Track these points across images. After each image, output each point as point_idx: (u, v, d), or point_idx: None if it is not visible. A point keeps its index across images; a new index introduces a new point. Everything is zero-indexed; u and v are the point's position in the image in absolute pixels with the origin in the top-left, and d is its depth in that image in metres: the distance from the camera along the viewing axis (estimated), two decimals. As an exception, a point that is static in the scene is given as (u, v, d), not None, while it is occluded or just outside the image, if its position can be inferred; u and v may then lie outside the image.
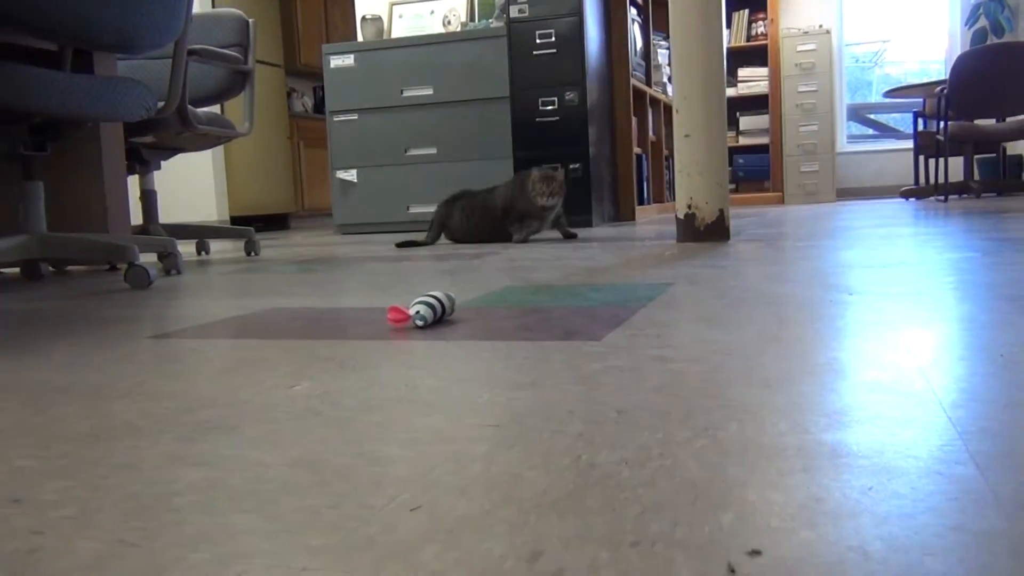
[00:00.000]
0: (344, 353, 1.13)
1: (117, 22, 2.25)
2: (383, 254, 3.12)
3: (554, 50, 4.53)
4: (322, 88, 7.87)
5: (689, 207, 2.85)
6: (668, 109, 6.20)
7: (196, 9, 5.63)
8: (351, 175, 5.13)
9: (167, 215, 6.05)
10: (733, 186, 7.83)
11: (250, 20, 3.42)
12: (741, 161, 7.72)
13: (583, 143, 4.52)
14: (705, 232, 2.84)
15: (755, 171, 7.71)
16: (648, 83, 5.76)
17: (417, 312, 1.30)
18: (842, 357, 0.95)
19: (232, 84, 3.37)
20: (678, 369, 0.93)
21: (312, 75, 7.89)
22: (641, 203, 5.42)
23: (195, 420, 0.81)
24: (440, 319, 1.34)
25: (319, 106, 7.98)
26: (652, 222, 4.77)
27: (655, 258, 2.44)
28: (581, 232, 3.98)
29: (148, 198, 3.37)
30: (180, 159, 6.06)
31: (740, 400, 0.78)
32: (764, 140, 7.67)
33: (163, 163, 3.49)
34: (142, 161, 3.30)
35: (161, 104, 2.66)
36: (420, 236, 4.40)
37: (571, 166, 4.52)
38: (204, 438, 0.75)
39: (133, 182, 5.43)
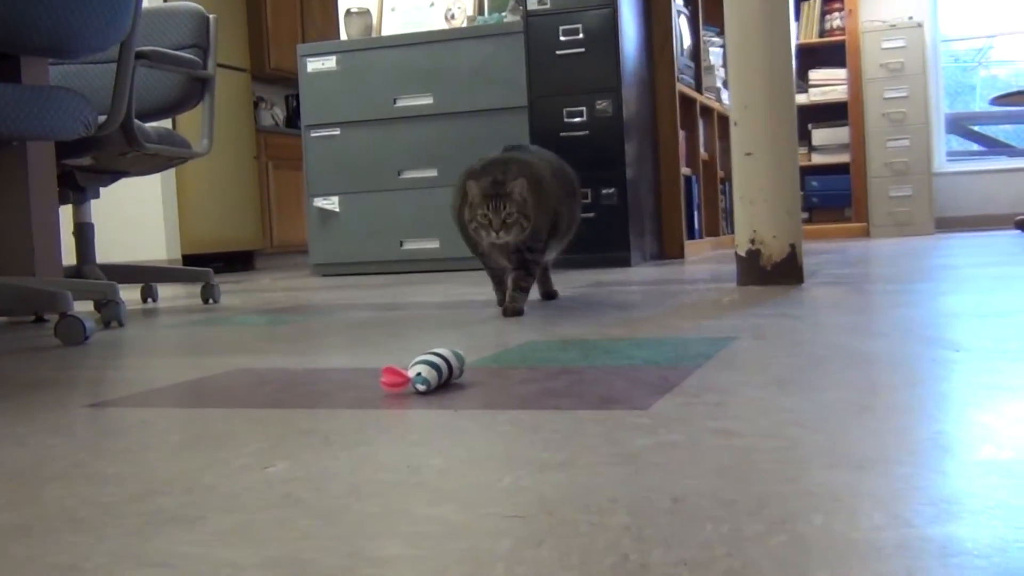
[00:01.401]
0: (329, 425, 1.14)
1: (49, 20, 2.31)
2: (372, 300, 3.14)
3: (582, 49, 4.59)
4: (296, 97, 7.99)
5: (752, 242, 2.86)
6: (724, 120, 6.25)
7: (145, 3, 5.74)
8: (332, 203, 5.19)
9: (106, 254, 6.11)
10: (806, 215, 7.85)
11: (210, 16, 3.49)
12: (815, 184, 7.75)
13: (618, 163, 4.55)
14: (772, 273, 2.85)
15: (833, 196, 7.74)
16: (698, 89, 5.81)
17: (418, 375, 1.31)
18: (949, 431, 0.95)
19: (188, 93, 3.43)
20: (745, 446, 0.93)
21: (285, 81, 8.01)
22: (691, 237, 5.44)
23: (148, 510, 0.82)
24: (446, 383, 1.35)
25: (293, 119, 8.09)
26: (705, 260, 4.78)
27: (711, 306, 2.45)
28: (616, 274, 3.99)
29: (84, 233, 3.41)
30: (123, 185, 6.14)
31: (824, 485, 0.78)
32: (843, 158, 7.71)
33: (103, 190, 3.53)
34: (77, 188, 3.35)
35: (102, 118, 2.71)
36: (426, 277, 4.43)
37: (604, 191, 4.56)
38: (159, 532, 0.75)
39: (66, 213, 5.51)
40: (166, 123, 5.81)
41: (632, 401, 1.19)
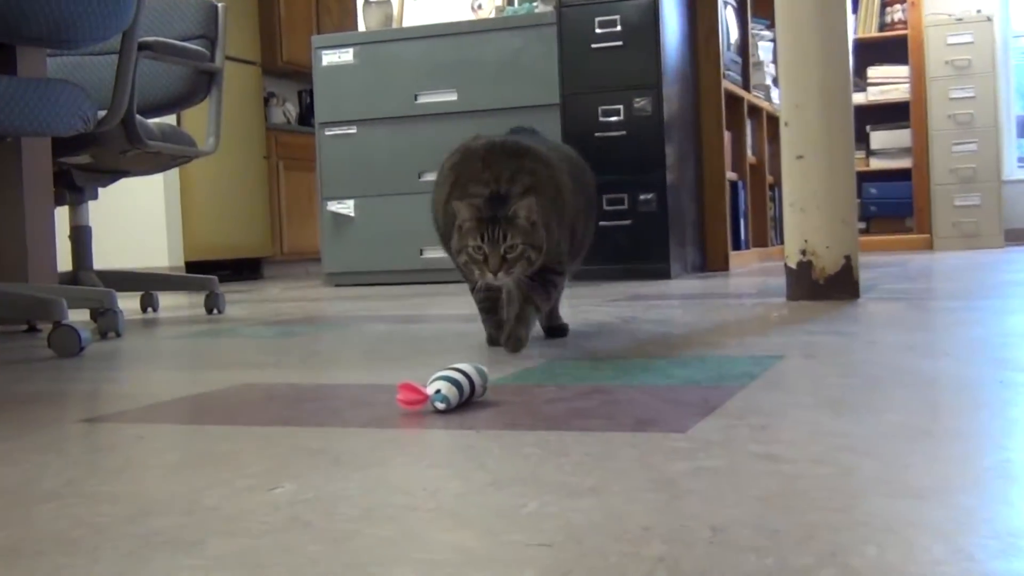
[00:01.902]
0: (340, 445, 1.15)
1: (47, 8, 2.34)
2: (388, 312, 3.16)
3: (620, 42, 4.60)
4: (310, 93, 8.04)
5: (803, 253, 2.85)
6: (773, 121, 6.24)
7: (148, -10, 5.80)
8: (347, 207, 5.21)
9: (104, 259, 6.16)
10: (863, 225, 7.81)
11: (219, 4, 3.52)
12: (873, 192, 7.71)
13: (658, 167, 4.55)
14: (825, 287, 2.83)
15: (893, 205, 7.69)
16: (746, 86, 5.80)
17: (437, 392, 1.31)
18: (1017, 459, 0.94)
19: (194, 87, 3.46)
20: (792, 472, 0.93)
21: (298, 75, 8.07)
22: (736, 247, 5.42)
23: (144, 532, 0.82)
24: (468, 401, 1.36)
25: (306, 116, 8.14)
26: (752, 273, 4.76)
27: (758, 322, 2.44)
28: (655, 287, 3.98)
29: (81, 237, 3.45)
30: (124, 186, 6.18)
31: (878, 515, 0.78)
32: (905, 163, 7.67)
33: (101, 191, 3.56)
34: (74, 188, 3.39)
35: (102, 113, 2.74)
36: (447, 288, 4.44)
37: (642, 196, 4.55)
38: (156, 556, 0.76)
39: (62, 215, 5.56)
40: (170, 119, 5.86)
41: (669, 423, 1.19)
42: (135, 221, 6.27)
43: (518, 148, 1.94)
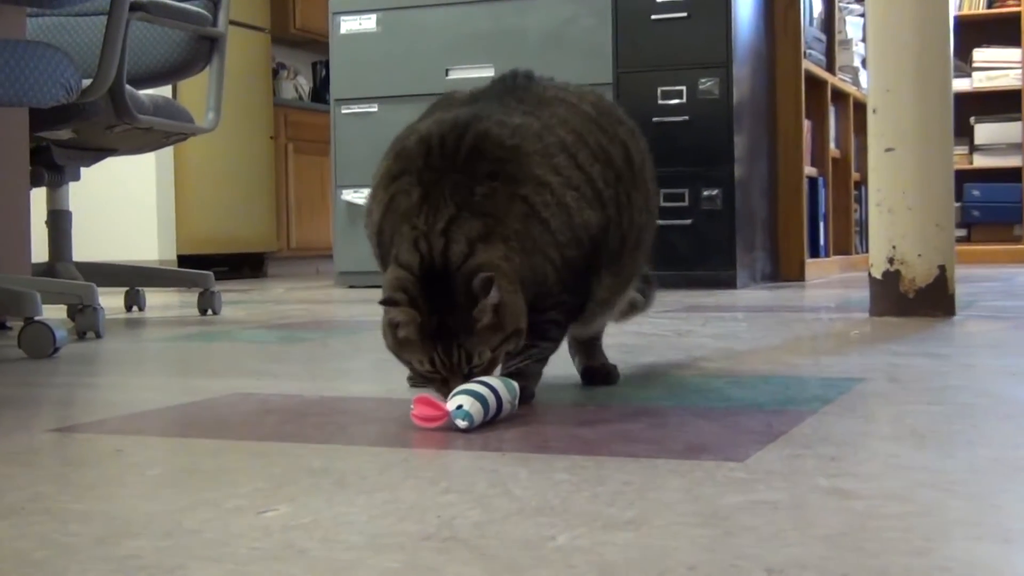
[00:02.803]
0: (345, 465, 1.16)
1: (30, -40, 2.37)
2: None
3: (684, 14, 4.59)
4: (326, 65, 8.08)
5: (890, 261, 2.83)
6: (861, 108, 6.20)
7: (145, -57, 5.85)
8: (364, 197, 5.24)
9: (85, 250, 6.21)
10: (962, 232, 7.74)
11: (224, -39, 3.55)
12: (976, 194, 7.64)
13: (725, 159, 4.54)
14: (915, 301, 2.81)
15: (998, 210, 7.62)
16: (830, 68, 5.77)
17: (459, 408, 1.32)
18: None
19: (192, 55, 3.49)
20: (864, 509, 0.93)
21: (312, 45, 8.11)
22: (814, 254, 5.39)
23: (117, 555, 0.84)
24: (494, 419, 1.36)
25: (320, 91, 8.19)
26: (831, 284, 4.74)
27: (834, 339, 2.43)
28: (717, 297, 3.97)
29: (59, 223, 3.49)
30: (110, 167, 6.23)
31: (963, 560, 0.78)
32: (1014, 161, 7.60)
33: (84, 171, 3.60)
34: (54, 167, 3.42)
35: (87, 82, 2.77)
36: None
37: (705, 192, 4.55)
38: (130, 581, 0.77)
39: (39, 198, 5.62)
40: (165, 91, 5.90)
41: (725, 450, 1.19)
42: (122, 207, 6.32)
43: (473, 147, 1.53)
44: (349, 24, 5.26)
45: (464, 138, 1.54)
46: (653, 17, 4.62)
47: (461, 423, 1.31)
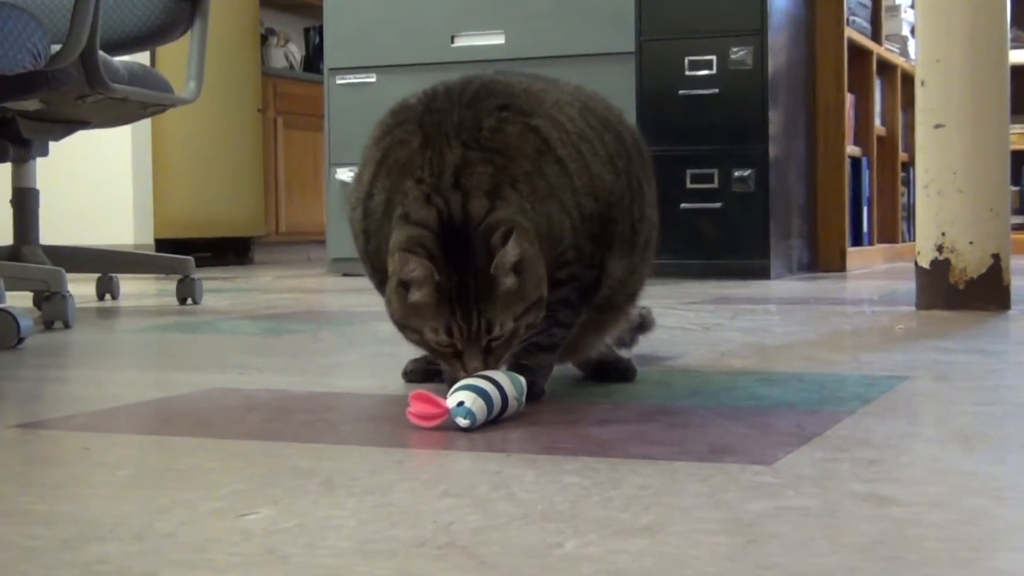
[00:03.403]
0: (334, 466, 1.16)
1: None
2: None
3: (714, -24, 4.59)
4: (319, 31, 8.09)
5: (939, 249, 2.82)
6: (910, 81, 6.19)
7: None
8: (361, 177, 5.24)
9: (53, 232, 6.23)
10: (1020, 219, 7.72)
11: (207, -86, 3.55)
12: (1036, 176, 7.62)
13: (758, 136, 4.53)
14: (966, 293, 2.81)
15: (1061, 194, 7.60)
16: (876, 37, 5.76)
17: (460, 405, 1.32)
18: None
19: (172, 18, 3.49)
20: (904, 517, 0.93)
21: (304, 8, 8.11)
22: (857, 242, 5.39)
23: (83, 560, 0.84)
24: (498, 418, 1.36)
25: (314, 60, 8.18)
26: (874, 275, 4.73)
27: (877, 334, 2.43)
28: (749, 288, 3.97)
29: (25, 202, 3.49)
30: (82, 141, 6.24)
31: (1012, 572, 0.78)
32: (1078, 141, 7.57)
33: (53, 146, 3.60)
34: (19, 141, 3.42)
35: (56, 48, 2.78)
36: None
37: (736, 173, 4.54)
38: (96, 587, 0.77)
39: (3, 175, 5.63)
40: (142, 58, 5.90)
41: (751, 453, 1.19)
42: (94, 185, 6.33)
43: (482, 86, 1.57)
44: (345, -15, 5.25)
45: (471, 83, 1.57)
46: (680, -21, 4.62)
47: (462, 422, 1.31)
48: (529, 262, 1.41)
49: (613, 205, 1.59)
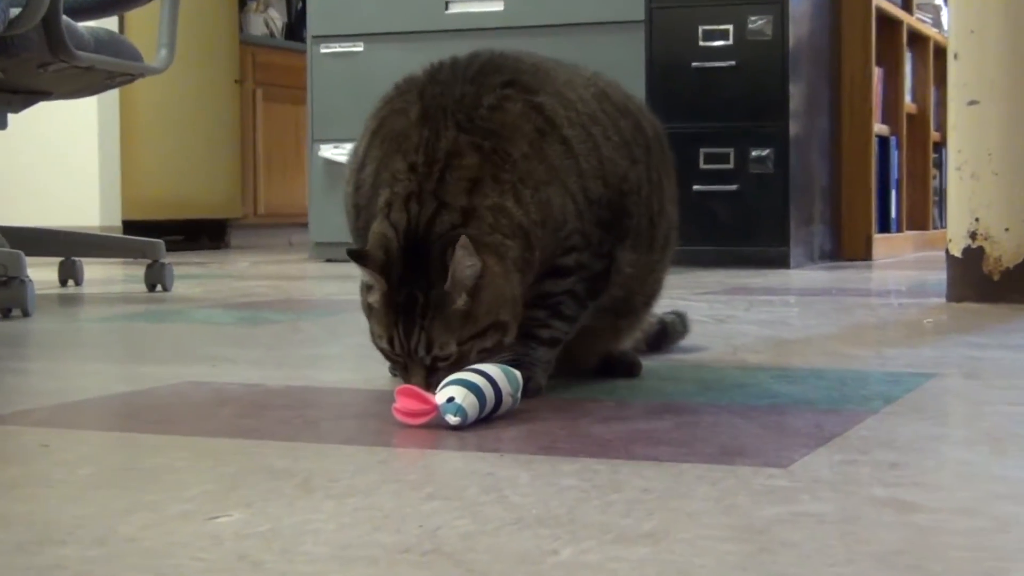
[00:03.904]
0: (313, 465, 1.16)
1: None
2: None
3: (731, -62, 4.58)
4: (303, -5, 8.09)
5: (972, 236, 2.82)
6: (943, 54, 6.19)
7: None
8: (346, 154, 5.23)
9: (11, 212, 6.23)
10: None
11: None
12: (1080, 158, 7.63)
13: (778, 113, 4.53)
14: (1001, 284, 2.81)
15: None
16: (907, 6, 5.75)
17: (450, 401, 1.32)
18: None
19: (142, -20, 3.49)
20: (928, 524, 0.93)
21: (286, -29, 8.10)
22: (884, 228, 5.38)
23: (40, 564, 0.84)
24: (492, 415, 1.36)
25: (296, 27, 8.17)
26: (903, 264, 4.73)
27: (904, 328, 2.43)
28: (767, 277, 3.97)
29: (-19, 179, 3.48)
30: (44, 113, 6.23)
31: (1040, 584, 0.78)
32: (1126, 120, 7.57)
33: (12, 118, 3.59)
34: (-25, 112, 3.42)
35: (16, 12, 2.77)
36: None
37: (754, 153, 4.54)
38: (52, 594, 0.77)
39: (-44, 151, 5.63)
40: (109, 24, 5.90)
41: (765, 454, 1.19)
42: (57, 162, 6.32)
43: (488, 61, 1.59)
44: (330, -54, 5.24)
45: (479, 56, 1.59)
46: (694, -59, 4.61)
47: (452, 419, 1.31)
48: (489, 281, 1.42)
49: (627, 195, 1.60)
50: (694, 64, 4.60)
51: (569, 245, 1.53)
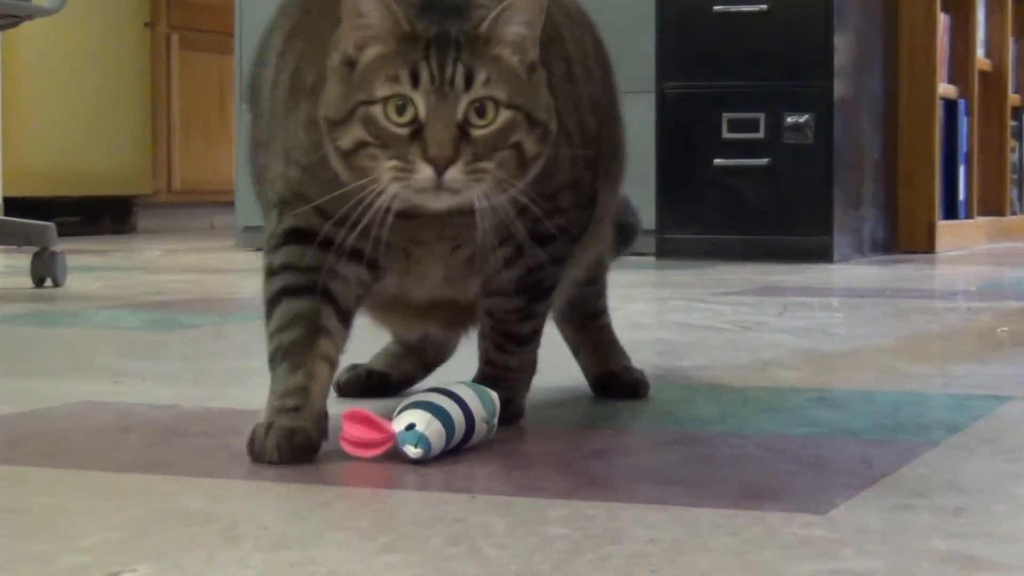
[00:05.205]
0: (237, 508, 1.16)
1: None
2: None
3: None
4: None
5: (1058, 226, 2.84)
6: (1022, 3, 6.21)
7: None
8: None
9: None
10: None
11: None
12: None
13: (819, 70, 4.53)
14: (1094, 286, 2.82)
15: None
16: (979, -61, 5.77)
17: (411, 428, 1.32)
18: None
19: (30, -101, 3.48)
20: (998, 586, 0.93)
21: None
22: (950, 214, 5.39)
23: None
24: (461, 445, 1.36)
25: (221, -41, 8.17)
26: (973, 258, 4.73)
27: (973, 339, 2.43)
28: (805, 273, 3.97)
29: None
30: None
31: None
32: None
33: None
34: None
35: None
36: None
37: (789, 119, 4.54)
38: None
39: None
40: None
41: (800, 498, 1.19)
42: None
43: None
44: None
45: None
46: None
47: (413, 451, 1.31)
48: (540, 77, 1.40)
49: (603, 124, 1.61)
50: (717, 8, 4.61)
51: (557, 206, 1.49)
